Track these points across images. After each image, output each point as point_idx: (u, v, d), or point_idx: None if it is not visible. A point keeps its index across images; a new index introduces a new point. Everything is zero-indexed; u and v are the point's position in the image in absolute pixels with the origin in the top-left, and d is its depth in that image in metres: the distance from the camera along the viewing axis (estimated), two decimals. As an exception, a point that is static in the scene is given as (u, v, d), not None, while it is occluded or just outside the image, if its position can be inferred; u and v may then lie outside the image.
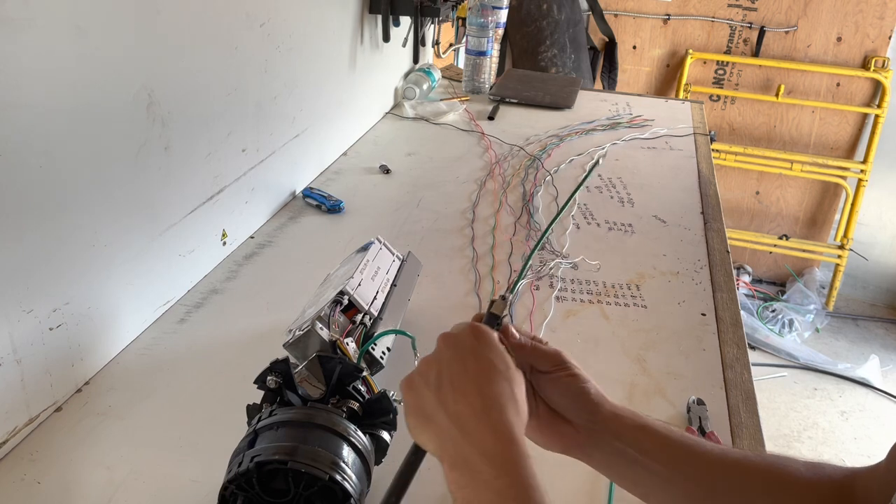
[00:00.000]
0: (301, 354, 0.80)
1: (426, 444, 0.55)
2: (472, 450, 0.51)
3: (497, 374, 0.55)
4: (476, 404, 0.53)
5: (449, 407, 0.53)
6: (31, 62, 0.75)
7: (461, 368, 0.55)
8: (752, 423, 0.90)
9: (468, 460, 0.51)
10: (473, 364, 0.55)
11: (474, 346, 0.56)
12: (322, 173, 1.59)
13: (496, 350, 0.57)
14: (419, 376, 0.56)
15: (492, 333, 0.58)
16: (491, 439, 0.51)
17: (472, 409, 0.53)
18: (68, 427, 0.84)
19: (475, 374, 0.55)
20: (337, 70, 1.62)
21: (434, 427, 0.54)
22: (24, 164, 0.76)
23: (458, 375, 0.55)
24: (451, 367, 0.55)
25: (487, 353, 0.56)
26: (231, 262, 1.21)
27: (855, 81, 3.28)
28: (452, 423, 0.53)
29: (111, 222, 0.92)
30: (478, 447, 0.51)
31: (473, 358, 0.56)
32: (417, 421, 0.56)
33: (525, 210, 1.44)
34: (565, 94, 2.19)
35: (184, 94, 1.03)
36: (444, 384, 0.54)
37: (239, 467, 0.64)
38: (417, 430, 0.56)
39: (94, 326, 0.91)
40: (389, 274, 1.00)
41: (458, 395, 0.54)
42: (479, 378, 0.54)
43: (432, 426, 0.54)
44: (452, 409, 0.53)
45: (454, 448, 0.52)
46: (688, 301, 1.16)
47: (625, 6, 3.42)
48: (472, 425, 0.52)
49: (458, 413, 0.53)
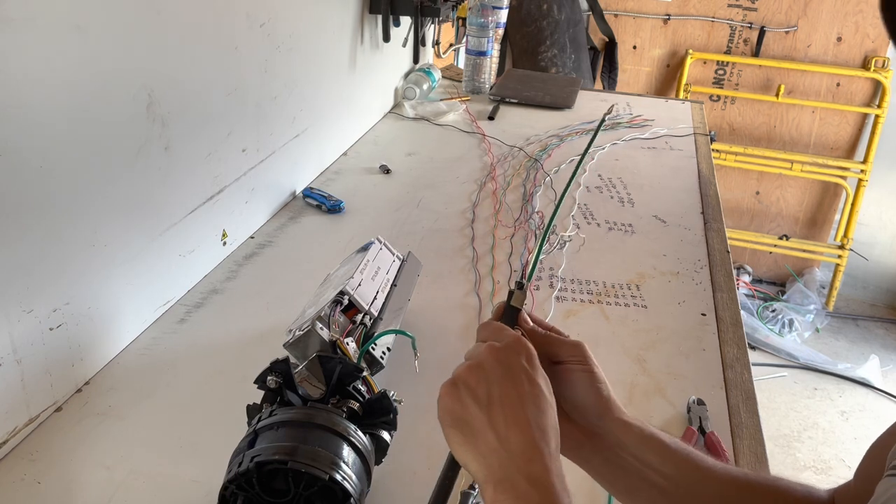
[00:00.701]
0: (301, 354, 0.80)
1: (466, 461, 0.54)
2: (521, 477, 0.51)
3: (547, 404, 0.54)
4: (528, 433, 0.52)
5: (500, 430, 0.52)
6: (31, 62, 0.75)
7: (514, 392, 0.54)
8: (752, 423, 0.90)
9: (516, 485, 0.50)
10: (528, 389, 0.54)
11: (526, 369, 0.55)
12: (322, 173, 1.59)
13: (543, 375, 0.56)
14: (465, 388, 0.55)
15: (535, 354, 0.57)
16: (541, 469, 0.51)
17: (524, 437, 0.52)
18: (68, 427, 0.84)
19: (529, 400, 0.54)
20: (337, 70, 1.62)
21: (481, 446, 0.53)
22: (24, 164, 0.76)
23: (512, 399, 0.53)
24: (502, 386, 0.54)
25: (538, 379, 0.55)
26: (231, 262, 1.21)
27: (855, 81, 3.29)
28: (502, 447, 0.52)
29: (111, 222, 0.92)
30: (526, 475, 0.51)
31: (528, 383, 0.55)
32: (461, 435, 0.54)
33: (525, 210, 1.44)
34: (565, 94, 2.19)
35: (184, 94, 1.03)
36: (496, 404, 0.53)
37: (239, 467, 0.64)
38: (459, 446, 0.54)
39: (94, 326, 0.91)
40: (389, 274, 0.99)
41: (511, 420, 0.53)
42: (532, 406, 0.54)
43: (479, 445, 0.53)
44: (503, 434, 0.52)
45: (502, 471, 0.51)
46: (688, 301, 1.16)
47: (625, 6, 3.42)
48: (524, 452, 0.51)
49: (508, 438, 0.52)
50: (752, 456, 0.84)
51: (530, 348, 0.57)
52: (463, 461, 0.55)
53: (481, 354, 0.56)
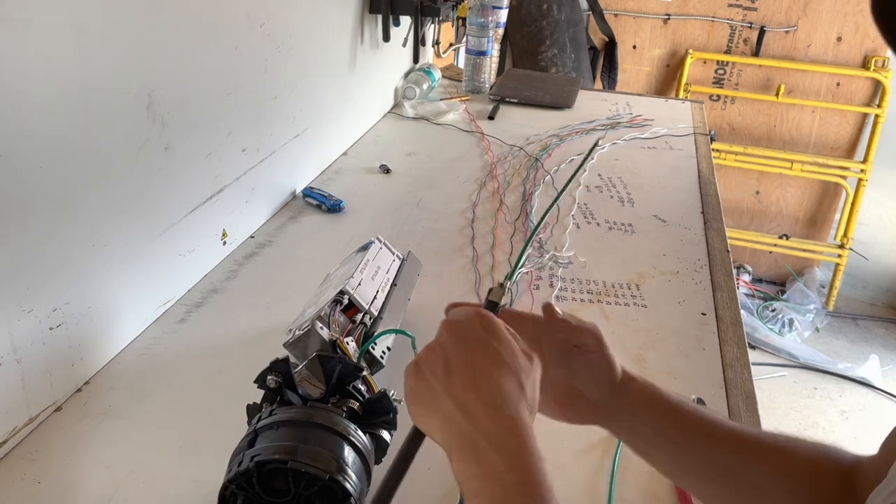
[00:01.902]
0: (301, 354, 0.80)
1: (431, 433, 0.55)
2: (483, 441, 0.50)
3: (504, 367, 0.54)
4: (486, 397, 0.52)
5: (458, 397, 0.52)
6: (31, 62, 0.75)
7: (469, 358, 0.54)
8: (752, 423, 0.90)
9: (477, 450, 0.50)
10: (482, 355, 0.54)
11: (480, 335, 0.56)
12: (322, 173, 1.59)
13: (503, 339, 0.56)
14: (424, 364, 0.55)
15: (497, 321, 0.57)
16: (503, 433, 0.50)
17: (482, 401, 0.52)
18: (68, 427, 0.84)
19: (484, 365, 0.54)
20: (337, 70, 1.62)
21: (441, 415, 0.53)
22: (24, 164, 0.76)
23: (466, 365, 0.54)
24: (457, 356, 0.54)
25: (494, 344, 0.55)
26: (231, 262, 1.21)
27: (855, 81, 3.28)
28: (461, 413, 0.52)
29: (111, 222, 0.92)
30: (489, 439, 0.50)
31: (481, 348, 0.55)
32: (423, 408, 0.55)
33: (524, 210, 1.44)
34: (565, 94, 2.19)
35: (184, 94, 1.03)
36: (452, 374, 0.53)
37: (239, 467, 0.63)
38: (422, 419, 0.55)
39: (94, 326, 0.91)
40: (389, 273, 0.99)
41: (468, 385, 0.53)
42: (488, 370, 0.53)
43: (439, 414, 0.53)
44: (462, 400, 0.52)
45: (461, 438, 0.51)
46: (688, 301, 1.16)
47: (625, 6, 3.42)
48: (483, 417, 0.51)
49: (466, 403, 0.52)
50: (751, 455, 0.84)
51: (489, 317, 0.57)
52: (428, 433, 0.55)
53: (439, 331, 0.57)
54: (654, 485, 0.80)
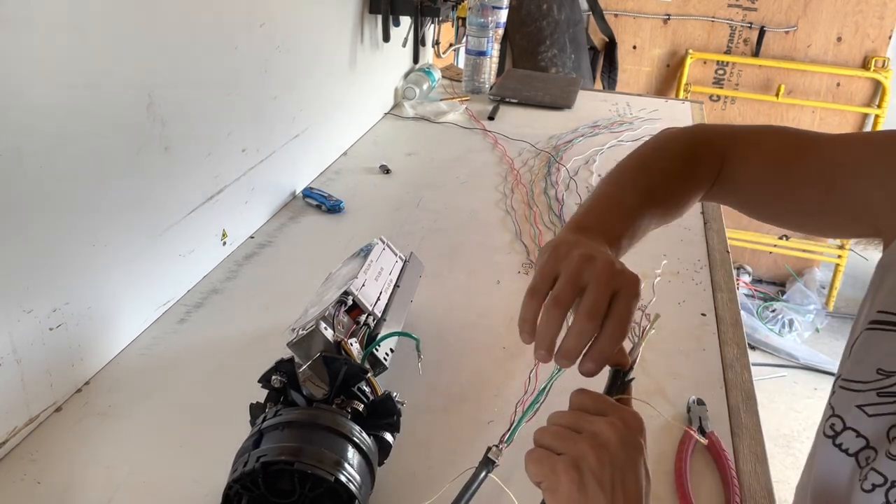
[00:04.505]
0: (304, 354, 0.80)
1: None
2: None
3: (649, 497, 0.54)
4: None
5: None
6: (31, 62, 0.75)
7: (635, 479, 0.53)
8: (752, 423, 0.90)
9: None
10: (645, 477, 0.54)
11: (645, 455, 0.55)
12: (322, 173, 1.59)
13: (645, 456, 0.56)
14: (590, 472, 0.52)
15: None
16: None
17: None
18: (68, 427, 0.84)
19: (645, 489, 0.54)
20: (337, 70, 1.61)
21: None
22: (25, 164, 0.76)
23: (633, 487, 0.52)
24: (625, 473, 0.52)
25: (647, 467, 0.55)
26: (231, 262, 1.21)
27: (855, 81, 3.29)
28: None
29: (111, 222, 0.91)
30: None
31: (646, 471, 0.54)
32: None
33: (534, 209, 1.44)
34: (565, 94, 2.19)
35: (184, 94, 1.03)
36: (618, 490, 0.52)
37: (244, 467, 0.63)
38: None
39: (94, 326, 0.91)
40: (392, 275, 0.99)
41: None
42: (644, 494, 0.53)
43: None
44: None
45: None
46: (688, 301, 1.16)
47: (625, 6, 3.42)
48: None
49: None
50: (752, 456, 0.84)
51: (644, 435, 0.56)
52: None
53: (605, 433, 0.53)
54: (654, 485, 0.79)
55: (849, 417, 0.61)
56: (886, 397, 0.59)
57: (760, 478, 0.81)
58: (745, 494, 0.78)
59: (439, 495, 0.66)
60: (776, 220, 0.82)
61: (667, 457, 0.83)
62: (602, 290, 0.57)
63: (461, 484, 0.62)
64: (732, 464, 0.82)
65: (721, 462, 0.82)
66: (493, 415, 0.89)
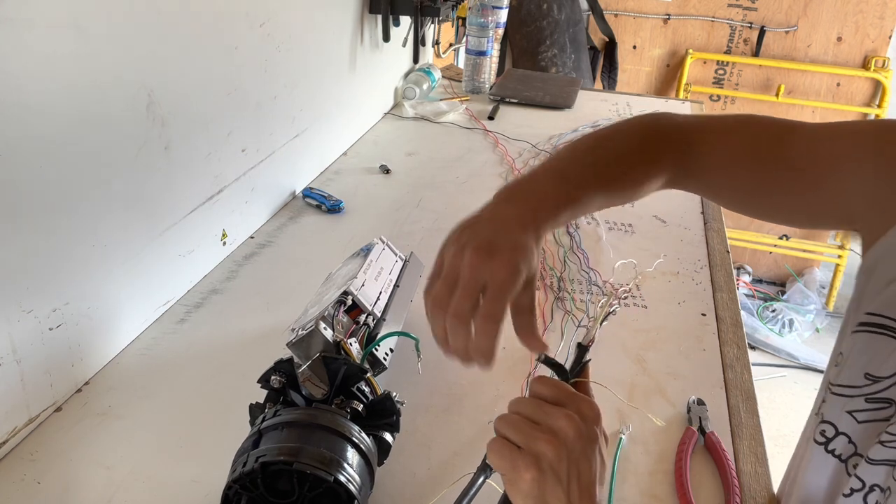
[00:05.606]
0: (304, 354, 0.80)
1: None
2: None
3: (604, 480, 0.56)
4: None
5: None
6: (31, 62, 0.75)
7: (590, 469, 0.54)
8: (752, 423, 0.90)
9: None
10: (600, 465, 0.55)
11: (601, 446, 0.56)
12: (322, 173, 1.59)
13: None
14: (549, 466, 0.53)
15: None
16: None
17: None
18: (68, 427, 0.84)
19: (599, 474, 0.55)
20: (337, 70, 1.62)
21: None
22: (24, 164, 0.76)
23: (589, 477, 0.54)
24: (581, 464, 0.54)
25: (603, 455, 0.56)
26: (231, 262, 1.21)
27: (855, 81, 3.29)
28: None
29: (111, 222, 0.91)
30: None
31: (601, 460, 0.56)
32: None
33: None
34: (565, 94, 2.19)
35: (184, 94, 1.03)
36: (573, 481, 0.53)
37: (244, 467, 0.63)
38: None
39: (94, 326, 0.91)
40: (392, 275, 0.99)
41: (585, 495, 0.53)
42: (597, 481, 0.55)
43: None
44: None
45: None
46: (688, 301, 1.16)
47: (625, 6, 3.42)
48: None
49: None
50: (752, 456, 0.84)
51: (602, 426, 0.57)
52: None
53: (563, 428, 0.55)
54: (654, 485, 0.80)
55: (841, 423, 0.61)
56: (874, 403, 0.58)
57: (760, 478, 0.81)
58: (745, 494, 0.78)
59: (437, 499, 0.67)
60: (748, 210, 0.78)
61: (667, 457, 0.83)
62: (466, 290, 0.58)
63: (461, 487, 0.62)
64: (732, 464, 0.82)
65: (721, 462, 0.82)
66: (492, 415, 0.88)
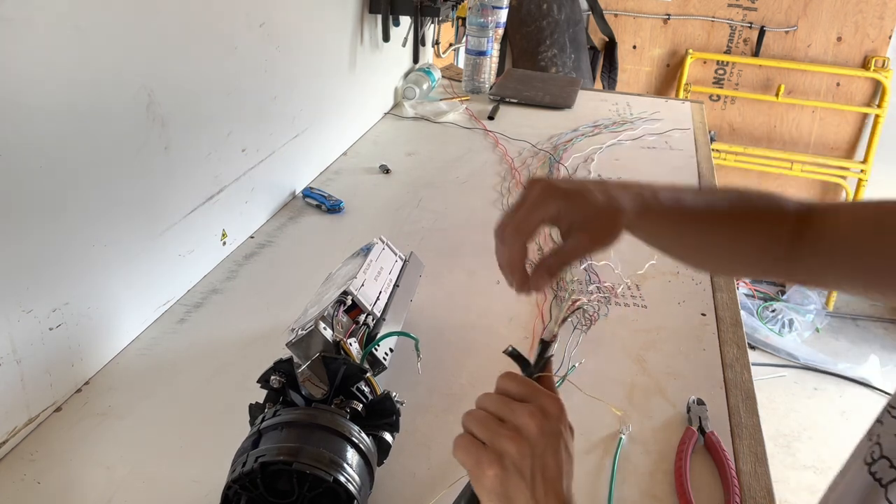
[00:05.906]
0: (303, 354, 0.80)
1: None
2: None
3: (572, 469, 0.56)
4: (562, 501, 0.54)
5: (539, 501, 0.53)
6: (31, 62, 0.75)
7: (556, 465, 0.54)
8: (752, 423, 0.90)
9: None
10: (566, 460, 0.55)
11: (566, 441, 0.56)
12: (322, 173, 1.59)
13: (572, 434, 0.57)
14: (511, 463, 0.54)
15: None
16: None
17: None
18: (68, 427, 0.84)
19: (566, 471, 0.55)
20: (337, 70, 1.61)
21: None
22: (24, 164, 0.76)
23: (554, 472, 0.54)
24: (545, 459, 0.54)
25: (572, 448, 0.56)
26: (231, 262, 1.21)
27: (855, 81, 3.28)
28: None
29: (111, 222, 0.91)
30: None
31: (566, 455, 0.56)
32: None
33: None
34: (565, 94, 2.19)
35: (184, 94, 1.03)
36: (538, 477, 0.53)
37: (243, 467, 0.63)
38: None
39: (94, 326, 0.91)
40: (392, 274, 0.99)
41: (550, 492, 0.53)
42: (567, 476, 0.55)
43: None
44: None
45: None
46: (688, 301, 1.16)
47: (625, 6, 3.42)
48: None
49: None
50: (752, 456, 0.84)
51: (566, 420, 0.57)
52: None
53: (526, 425, 0.55)
54: (654, 485, 0.80)
55: (886, 446, 0.59)
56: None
57: (760, 478, 0.81)
58: (745, 494, 0.78)
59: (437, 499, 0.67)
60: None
61: (667, 457, 0.83)
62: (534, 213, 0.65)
63: (461, 487, 0.62)
64: (732, 464, 0.82)
65: (721, 462, 0.82)
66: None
